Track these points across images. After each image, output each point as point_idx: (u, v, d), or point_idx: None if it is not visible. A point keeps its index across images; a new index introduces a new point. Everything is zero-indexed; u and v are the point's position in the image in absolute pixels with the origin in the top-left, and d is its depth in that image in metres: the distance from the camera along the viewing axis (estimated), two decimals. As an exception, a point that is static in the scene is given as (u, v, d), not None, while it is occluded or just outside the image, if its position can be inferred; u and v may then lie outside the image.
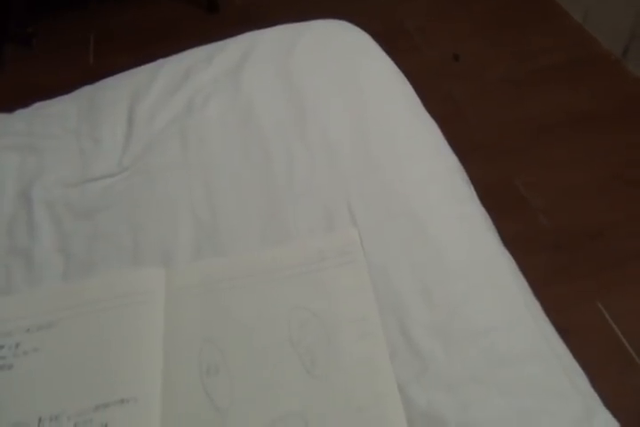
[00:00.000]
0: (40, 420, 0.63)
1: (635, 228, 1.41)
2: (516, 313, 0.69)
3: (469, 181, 0.92)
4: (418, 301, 0.70)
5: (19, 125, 0.98)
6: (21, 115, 1.01)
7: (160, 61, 1.12)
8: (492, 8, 2.04)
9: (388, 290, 0.71)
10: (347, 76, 1.02)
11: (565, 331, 0.74)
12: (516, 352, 0.65)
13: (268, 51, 1.07)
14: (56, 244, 0.81)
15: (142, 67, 1.11)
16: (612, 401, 0.66)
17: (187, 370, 0.66)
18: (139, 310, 0.72)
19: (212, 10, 2.17)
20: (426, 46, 1.95)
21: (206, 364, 0.66)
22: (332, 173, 0.86)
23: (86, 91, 1.07)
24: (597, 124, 1.65)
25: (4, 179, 0.89)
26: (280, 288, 0.72)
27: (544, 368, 0.64)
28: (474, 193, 0.89)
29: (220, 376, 0.65)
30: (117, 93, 1.02)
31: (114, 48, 2.07)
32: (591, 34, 1.90)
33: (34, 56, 2.11)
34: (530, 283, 0.77)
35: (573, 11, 1.97)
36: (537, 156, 1.59)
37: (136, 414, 0.63)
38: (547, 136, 1.64)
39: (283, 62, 1.04)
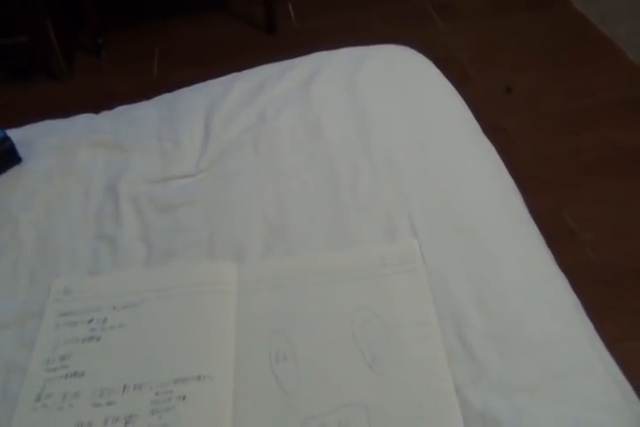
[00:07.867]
0: (125, 387, 0.68)
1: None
2: (570, 329, 0.72)
3: (525, 206, 0.96)
4: (475, 310, 0.73)
5: (105, 125, 1.06)
6: (107, 116, 1.09)
7: (234, 75, 1.19)
8: (546, 43, 2.06)
9: (446, 298, 0.75)
10: (410, 97, 1.07)
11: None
12: (569, 366, 0.67)
13: (336, 69, 1.14)
14: (139, 233, 0.87)
15: (217, 79, 1.18)
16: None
17: (257, 355, 0.71)
18: (213, 298, 0.77)
19: (270, 31, 2.25)
20: (478, 77, 1.97)
21: (275, 351, 0.70)
22: (394, 188, 0.90)
23: (165, 98, 1.14)
24: (650, 163, 1.65)
25: (93, 172, 0.97)
26: (344, 288, 0.77)
27: (596, 382, 0.66)
28: (530, 217, 0.92)
29: (288, 363, 0.69)
30: (195, 102, 1.09)
31: (176, 62, 2.15)
32: (646, 74, 1.91)
33: (102, 66, 2.21)
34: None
35: (629, 50, 1.98)
36: (587, 190, 1.58)
37: (211, 390, 0.68)
38: (598, 171, 1.63)
39: (349, 81, 1.10)
